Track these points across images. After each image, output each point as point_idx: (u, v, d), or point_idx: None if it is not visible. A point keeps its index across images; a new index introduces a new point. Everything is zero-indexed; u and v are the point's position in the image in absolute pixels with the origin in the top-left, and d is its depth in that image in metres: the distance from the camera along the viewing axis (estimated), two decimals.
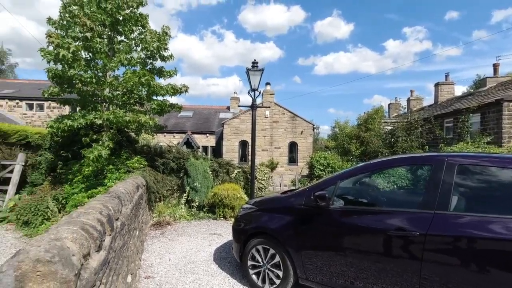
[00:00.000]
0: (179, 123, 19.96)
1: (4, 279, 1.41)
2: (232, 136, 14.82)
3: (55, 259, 1.50)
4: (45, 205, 5.89)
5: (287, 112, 15.06)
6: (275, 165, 14.46)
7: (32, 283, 1.44)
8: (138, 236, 4.24)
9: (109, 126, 6.19)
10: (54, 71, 5.62)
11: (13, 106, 21.80)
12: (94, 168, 6.09)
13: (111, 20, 6.01)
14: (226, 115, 19.87)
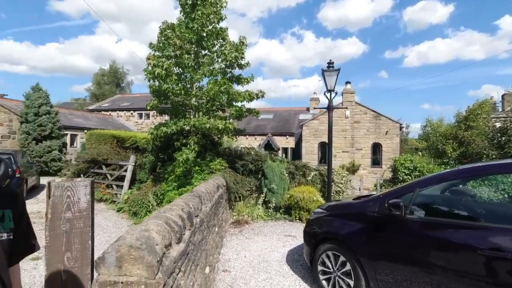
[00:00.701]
0: (260, 125, 20.81)
1: (109, 258, 1.79)
2: (311, 138, 14.68)
3: (143, 247, 1.84)
4: (148, 199, 7.01)
5: (370, 111, 14.07)
6: (357, 167, 13.68)
7: (127, 264, 1.80)
8: (218, 233, 4.67)
9: (196, 131, 6.96)
10: (153, 87, 6.66)
11: (129, 116, 26.33)
12: (184, 169, 6.93)
13: (196, 37, 6.77)
14: (306, 116, 19.74)
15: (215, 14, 6.91)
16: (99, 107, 27.19)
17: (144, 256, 1.81)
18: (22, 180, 9.13)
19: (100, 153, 10.03)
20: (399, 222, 2.76)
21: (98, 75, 39.52)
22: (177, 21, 7.25)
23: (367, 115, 14.09)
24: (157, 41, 6.80)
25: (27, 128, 15.12)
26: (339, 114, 14.18)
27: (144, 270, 1.81)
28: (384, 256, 2.84)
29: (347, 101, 14.24)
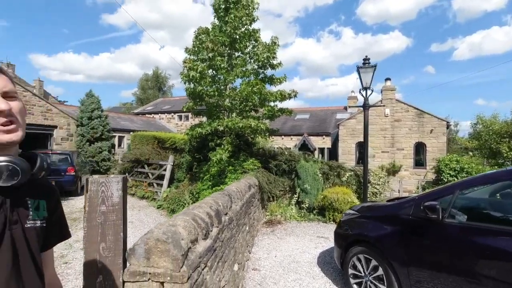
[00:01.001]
0: (295, 125, 20.61)
1: (138, 250, 1.92)
2: (348, 138, 14.18)
3: (169, 240, 1.94)
4: (184, 198, 7.33)
5: (412, 108, 13.19)
6: (397, 168, 12.91)
7: (154, 256, 1.91)
8: (249, 231, 4.73)
9: (229, 132, 7.12)
10: (189, 89, 6.95)
11: (170, 118, 27.69)
12: (218, 169, 7.13)
13: (229, 40, 6.93)
14: (343, 116, 19.14)
15: (247, 16, 7.02)
16: (143, 111, 28.98)
17: (170, 249, 1.91)
18: (76, 178, 10.09)
19: (142, 153, 10.70)
20: (436, 226, 2.57)
21: (143, 81, 42.17)
22: (211, 25, 7.49)
23: (409, 113, 13.23)
24: (192, 45, 7.08)
25: (82, 131, 16.62)
26: (378, 112, 13.50)
27: (170, 262, 1.91)
28: (419, 262, 2.66)
29: (387, 99, 13.51)
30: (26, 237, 0.87)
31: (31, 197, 0.93)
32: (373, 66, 6.60)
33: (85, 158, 14.78)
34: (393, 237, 2.95)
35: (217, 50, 6.71)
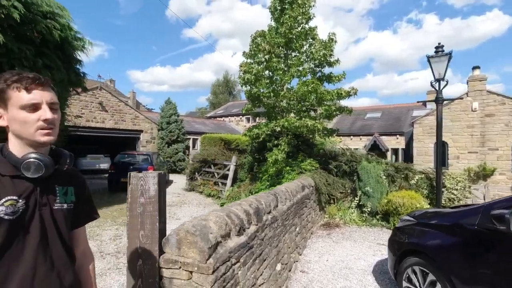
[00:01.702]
0: (365, 125, 19.33)
1: (171, 240, 2.09)
2: (424, 137, 12.60)
3: (197, 233, 2.07)
4: (241, 196, 7.59)
5: (510, 100, 10.96)
6: (490, 172, 10.89)
7: (184, 246, 2.06)
8: (300, 233, 4.65)
9: (286, 132, 7.11)
10: (247, 92, 7.20)
11: (238, 121, 28.99)
12: (276, 169, 7.18)
13: (285, 40, 6.93)
14: (421, 113, 17.16)
15: (303, 15, 6.93)
16: (215, 114, 31.01)
17: (197, 241, 2.04)
18: None
19: (209, 154, 11.47)
20: (507, 240, 2.13)
21: (215, 86, 45.22)
22: (267, 28, 7.61)
23: (506, 106, 11.01)
24: (249, 49, 7.31)
25: (162, 134, 18.72)
26: (463, 107, 11.65)
27: (197, 254, 2.03)
28: (485, 281, 2.24)
29: (476, 90, 11.53)
30: (54, 217, 1.07)
31: (59, 184, 1.13)
32: (447, 54, 5.79)
33: (164, 158, 16.57)
34: (455, 250, 2.55)
35: (274, 52, 6.79)
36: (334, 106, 6.95)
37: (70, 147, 15.83)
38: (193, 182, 11.77)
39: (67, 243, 1.15)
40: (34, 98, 0.99)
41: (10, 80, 0.98)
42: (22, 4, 5.61)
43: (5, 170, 0.98)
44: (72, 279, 1.15)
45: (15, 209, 0.95)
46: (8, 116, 0.99)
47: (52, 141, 1.05)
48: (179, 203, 9.23)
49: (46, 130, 1.01)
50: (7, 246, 0.94)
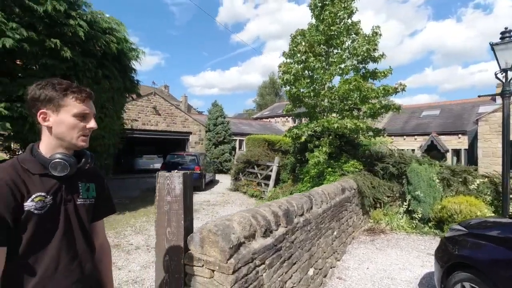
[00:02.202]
0: (421, 124, 17.76)
1: (195, 238, 2.16)
2: (492, 136, 11.08)
3: (218, 233, 2.10)
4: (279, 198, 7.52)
5: None
6: None
7: (207, 245, 2.11)
8: (338, 237, 4.44)
9: (328, 133, 6.87)
10: (287, 92, 7.13)
11: (284, 122, 28.87)
12: (317, 170, 6.98)
13: (325, 37, 6.71)
14: (489, 109, 15.20)
15: (344, 10, 6.64)
16: (261, 115, 31.31)
17: (219, 241, 2.07)
18: (201, 175, 11.88)
19: (252, 155, 11.62)
20: None
21: (261, 88, 45.67)
22: (308, 26, 7.45)
23: None
24: (288, 49, 7.23)
25: (209, 136, 19.50)
26: None
27: (218, 253, 2.06)
28: None
29: None
30: (77, 211, 1.20)
31: (82, 181, 1.25)
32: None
33: (210, 159, 17.23)
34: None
35: (313, 51, 6.63)
36: (379, 104, 6.50)
37: (129, 149, 17.31)
38: (237, 182, 12.02)
39: (89, 235, 1.26)
40: (86, 109, 1.15)
41: (70, 90, 1.12)
42: (86, 23, 6.30)
43: (35, 169, 1.10)
44: (92, 268, 1.26)
45: (43, 204, 1.07)
46: (56, 119, 1.11)
47: (86, 146, 1.20)
48: (223, 203, 9.50)
49: (85, 137, 1.17)
50: (36, 237, 1.06)
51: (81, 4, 6.81)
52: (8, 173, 1.03)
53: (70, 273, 1.14)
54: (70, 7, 6.21)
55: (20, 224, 1.02)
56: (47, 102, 1.10)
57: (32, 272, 1.05)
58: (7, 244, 1.00)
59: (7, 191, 0.99)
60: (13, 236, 1.02)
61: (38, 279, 1.06)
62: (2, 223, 0.98)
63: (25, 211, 1.03)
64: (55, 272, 1.09)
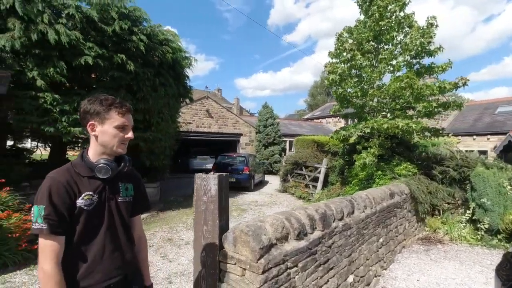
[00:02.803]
0: (496, 121, 15.62)
1: (229, 237, 2.30)
2: None
3: (250, 233, 2.20)
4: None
5: None
6: None
7: (239, 244, 2.23)
8: (384, 244, 4.21)
9: (378, 133, 6.51)
10: (333, 92, 6.95)
11: (336, 122, 28.00)
12: (366, 173, 6.67)
13: (373, 34, 6.37)
14: None
15: (396, 3, 6.23)
16: (312, 116, 30.75)
17: (250, 241, 2.17)
18: (250, 176, 12.17)
19: (300, 156, 11.52)
20: None
21: (313, 88, 44.80)
22: (356, 23, 7.16)
23: None
24: (334, 48, 7.03)
25: (259, 137, 19.84)
26: None
27: (249, 253, 2.16)
28: None
29: None
30: (119, 208, 1.41)
31: (122, 182, 1.47)
32: None
33: (260, 160, 17.52)
34: None
35: (361, 48, 6.36)
36: (436, 102, 5.92)
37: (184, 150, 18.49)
38: (286, 184, 12.04)
39: (128, 229, 1.47)
40: (126, 121, 1.36)
41: (113, 105, 1.33)
42: (145, 36, 6.99)
43: (84, 172, 1.33)
44: (131, 257, 1.48)
45: (91, 201, 1.30)
46: (101, 130, 1.33)
47: (124, 153, 1.41)
48: (270, 204, 9.62)
49: (124, 145, 1.38)
50: (86, 229, 1.29)
51: (142, 20, 7.54)
52: (64, 176, 1.27)
53: (113, 260, 1.35)
54: (133, 24, 6.95)
55: (74, 218, 1.25)
56: (95, 115, 1.32)
57: (84, 258, 1.28)
58: (65, 234, 1.23)
59: (64, 191, 1.22)
60: (69, 228, 1.24)
61: (89, 263, 1.28)
62: (62, 217, 1.20)
63: (77, 207, 1.25)
64: (101, 259, 1.31)
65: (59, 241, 1.20)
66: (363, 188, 6.49)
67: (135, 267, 1.52)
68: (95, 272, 1.28)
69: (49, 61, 5.77)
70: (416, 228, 5.57)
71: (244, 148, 19.80)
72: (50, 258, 1.16)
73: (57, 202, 1.20)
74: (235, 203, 9.53)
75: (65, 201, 1.22)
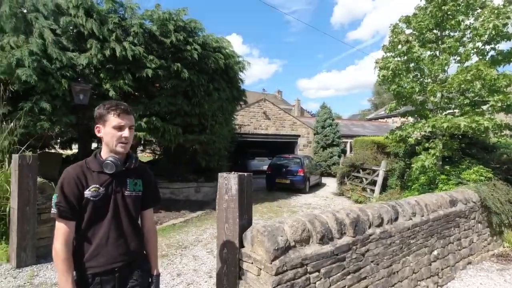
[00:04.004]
0: None
1: (247, 236, 2.34)
2: None
3: (265, 233, 2.21)
4: None
5: None
6: None
7: (256, 244, 2.26)
8: (439, 258, 3.72)
9: (442, 133, 5.77)
10: (387, 89, 6.41)
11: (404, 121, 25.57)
12: (428, 177, 5.98)
13: (435, 21, 5.67)
14: None
15: None
16: (376, 115, 28.69)
17: (264, 241, 2.18)
18: (305, 178, 11.96)
19: (358, 158, 10.88)
20: None
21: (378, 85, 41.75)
22: (415, 10, 6.46)
23: None
24: (388, 41, 6.46)
25: (317, 138, 19.35)
26: None
27: (264, 253, 2.17)
28: None
29: None
30: (125, 200, 1.56)
31: (130, 178, 1.61)
32: None
33: (317, 162, 17.06)
34: None
35: (421, 39, 5.75)
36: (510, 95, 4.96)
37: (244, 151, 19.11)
38: (342, 187, 11.51)
39: (134, 220, 1.61)
40: (121, 122, 1.49)
41: (110, 108, 1.50)
42: (199, 46, 7.49)
43: (95, 167, 1.52)
44: (137, 246, 1.62)
45: (97, 193, 1.47)
46: (104, 131, 1.52)
47: (125, 152, 1.54)
48: (323, 207, 9.31)
49: (123, 144, 1.51)
50: (93, 217, 1.47)
51: (197, 30, 8.09)
52: (75, 171, 1.47)
53: (117, 247, 1.51)
54: (188, 35, 7.51)
55: (82, 207, 1.44)
56: (99, 118, 1.51)
57: (90, 243, 1.46)
58: (74, 220, 1.43)
59: (73, 184, 1.42)
60: (78, 215, 1.44)
61: (94, 246, 1.46)
62: (71, 205, 1.41)
63: (85, 197, 1.44)
64: (106, 244, 1.47)
65: (68, 225, 1.40)
66: (424, 194, 5.83)
67: (141, 256, 1.66)
68: (99, 256, 1.45)
69: (119, 74, 6.61)
70: (489, 242, 4.77)
71: (302, 149, 19.53)
72: (60, 239, 1.37)
73: (67, 192, 1.40)
74: (287, 205, 9.48)
75: (74, 192, 1.41)
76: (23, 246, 4.02)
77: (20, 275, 3.77)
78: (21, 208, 4.01)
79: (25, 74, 5.26)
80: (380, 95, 40.82)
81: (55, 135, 8.29)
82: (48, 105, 5.68)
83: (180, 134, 7.43)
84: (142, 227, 1.72)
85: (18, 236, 3.98)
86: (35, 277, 3.72)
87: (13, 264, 3.98)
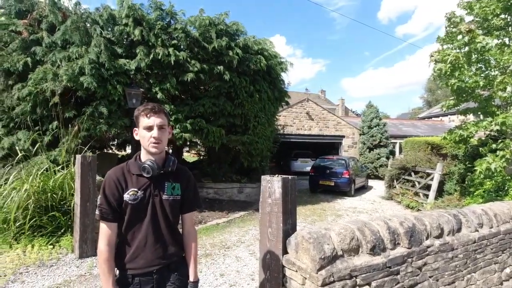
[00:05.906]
0: None
1: (292, 242, 2.26)
2: None
3: (310, 241, 2.10)
4: None
5: None
6: None
7: (300, 251, 2.17)
8: None
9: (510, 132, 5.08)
10: (443, 84, 5.82)
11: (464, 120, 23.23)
12: (494, 182, 5.31)
13: (503, 5, 5.00)
14: None
15: None
16: (429, 114, 26.47)
17: (310, 249, 2.08)
18: (350, 181, 11.45)
19: (409, 160, 10.09)
20: None
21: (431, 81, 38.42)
22: None
23: None
24: (445, 32, 5.86)
25: (363, 139, 18.44)
26: None
27: (310, 261, 2.07)
28: None
29: None
30: (162, 204, 1.56)
31: (169, 181, 1.59)
32: None
33: (363, 163, 16.23)
34: None
35: (486, 26, 5.12)
36: None
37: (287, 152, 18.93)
38: (391, 190, 10.77)
39: (172, 224, 1.60)
40: (149, 122, 1.48)
41: (140, 110, 1.51)
42: (240, 49, 7.56)
43: (135, 170, 1.54)
44: (174, 250, 1.60)
45: (135, 197, 1.48)
46: (139, 133, 1.53)
47: (158, 152, 1.52)
48: (370, 211, 8.81)
49: (154, 144, 1.48)
50: (132, 220, 1.50)
51: (239, 33, 8.18)
52: (116, 173, 1.50)
53: (155, 250, 1.52)
54: (230, 38, 7.63)
55: (122, 209, 1.48)
56: (136, 121, 1.53)
57: (130, 245, 1.50)
58: (116, 221, 1.47)
59: (114, 186, 1.46)
60: (120, 217, 1.48)
61: (134, 249, 1.49)
62: (112, 207, 1.45)
63: (124, 200, 1.47)
64: (144, 247, 1.50)
65: (110, 226, 1.45)
66: (490, 201, 5.18)
67: (180, 260, 1.64)
68: (138, 258, 1.47)
69: (165, 78, 6.95)
70: None
71: (347, 150, 18.76)
72: (103, 239, 1.43)
73: (108, 194, 1.44)
74: (331, 208, 9.15)
75: (114, 194, 1.45)
76: (84, 239, 4.40)
77: (82, 265, 4.12)
78: (82, 203, 4.40)
79: (86, 81, 5.77)
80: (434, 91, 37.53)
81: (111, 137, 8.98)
82: (106, 109, 6.16)
83: (224, 135, 7.56)
84: (182, 230, 1.72)
85: (81, 229, 4.37)
86: (94, 268, 4.04)
87: (76, 254, 4.37)
